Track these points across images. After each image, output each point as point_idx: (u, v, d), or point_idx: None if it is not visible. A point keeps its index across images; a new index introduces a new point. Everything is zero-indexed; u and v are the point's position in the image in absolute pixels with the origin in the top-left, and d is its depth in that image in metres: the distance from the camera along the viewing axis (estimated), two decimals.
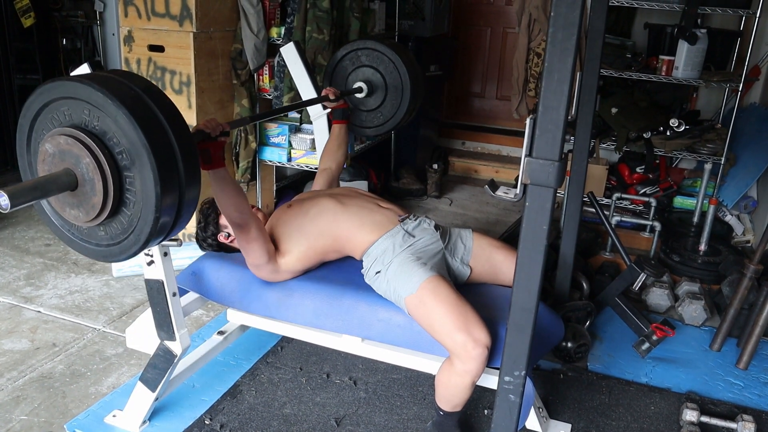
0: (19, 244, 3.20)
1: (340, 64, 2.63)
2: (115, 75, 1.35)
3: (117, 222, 1.39)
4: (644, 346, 2.34)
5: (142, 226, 1.34)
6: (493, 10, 4.88)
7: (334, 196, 2.02)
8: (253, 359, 2.32)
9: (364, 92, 2.59)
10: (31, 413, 2.01)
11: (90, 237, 1.46)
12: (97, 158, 1.29)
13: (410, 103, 2.57)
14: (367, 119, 2.66)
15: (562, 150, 1.22)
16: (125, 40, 3.06)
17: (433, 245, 1.93)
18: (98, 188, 1.31)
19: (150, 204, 1.31)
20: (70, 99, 1.32)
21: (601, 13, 2.00)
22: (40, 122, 1.40)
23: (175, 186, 1.33)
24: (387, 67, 2.55)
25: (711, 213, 3.00)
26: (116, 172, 1.32)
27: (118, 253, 1.42)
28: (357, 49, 2.58)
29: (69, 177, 1.32)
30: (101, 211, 1.34)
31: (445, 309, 1.70)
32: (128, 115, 1.25)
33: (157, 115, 1.31)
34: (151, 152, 1.26)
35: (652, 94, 3.75)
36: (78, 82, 1.29)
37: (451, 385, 1.73)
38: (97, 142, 1.30)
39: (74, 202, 1.36)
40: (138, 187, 1.31)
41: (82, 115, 1.32)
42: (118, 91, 1.28)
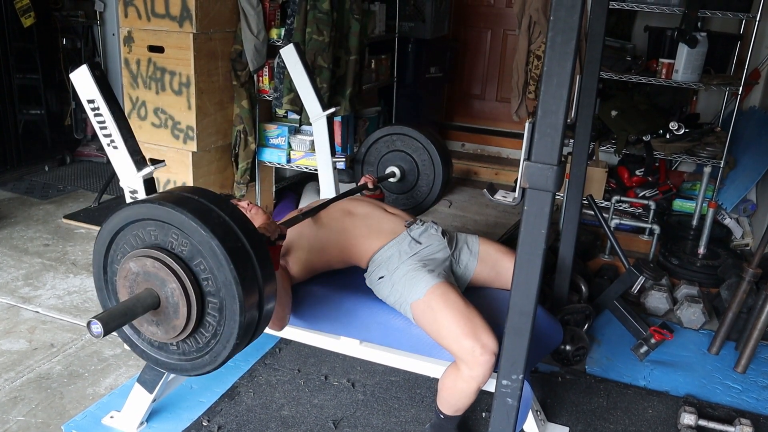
0: (17, 244, 3.19)
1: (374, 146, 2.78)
2: (202, 198, 1.35)
3: (192, 340, 1.39)
4: (642, 350, 2.34)
5: (221, 349, 1.35)
6: (494, 12, 4.88)
7: (341, 206, 2.02)
8: (251, 361, 2.32)
9: (397, 176, 2.72)
10: (28, 414, 2.00)
11: (161, 349, 1.47)
12: (183, 285, 1.31)
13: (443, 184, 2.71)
14: (398, 201, 2.79)
15: (561, 154, 1.21)
16: (125, 41, 3.06)
17: (441, 252, 1.93)
18: (182, 312, 1.32)
19: (232, 331, 1.31)
20: (160, 222, 1.32)
21: (601, 16, 1.99)
22: (122, 236, 1.40)
23: (256, 310, 1.34)
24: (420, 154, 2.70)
25: (710, 216, 3.00)
26: (200, 297, 1.33)
27: (189, 368, 1.43)
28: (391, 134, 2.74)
29: (153, 298, 1.34)
30: (181, 332, 1.35)
31: (452, 314, 1.69)
32: (220, 248, 1.26)
33: (244, 244, 1.31)
34: (240, 284, 1.27)
35: (651, 97, 3.75)
36: (171, 208, 1.29)
37: (456, 390, 1.72)
38: (185, 268, 1.31)
39: (154, 320, 1.37)
40: (221, 313, 1.32)
41: (169, 239, 1.32)
42: (209, 220, 1.28)
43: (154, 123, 3.12)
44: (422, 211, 2.77)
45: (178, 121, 3.06)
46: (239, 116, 3.26)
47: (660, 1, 3.28)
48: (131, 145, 1.68)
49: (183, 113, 3.04)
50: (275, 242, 1.61)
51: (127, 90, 3.16)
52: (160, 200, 1.32)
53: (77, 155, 4.57)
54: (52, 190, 3.94)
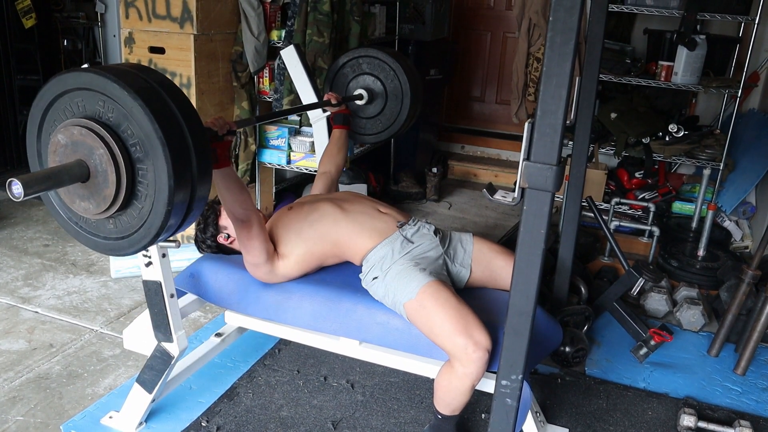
0: (17, 245, 3.19)
1: (341, 71, 2.65)
2: (130, 68, 1.34)
3: (127, 215, 1.37)
4: (642, 351, 2.34)
5: (153, 219, 1.33)
6: (493, 15, 4.89)
7: (334, 201, 2.02)
8: (250, 361, 2.32)
9: (364, 99, 2.61)
10: (27, 414, 2.00)
11: (98, 230, 1.44)
12: (110, 149, 1.28)
13: (409, 111, 2.59)
14: (367, 126, 2.68)
15: (560, 154, 1.22)
16: (126, 42, 3.07)
17: (433, 251, 1.93)
18: (111, 180, 1.30)
19: (163, 197, 1.29)
20: (85, 90, 1.31)
21: (601, 19, 2.00)
22: (52, 113, 1.38)
23: (187, 180, 1.32)
24: (387, 75, 2.57)
25: (709, 218, 3.01)
26: (129, 164, 1.30)
27: (126, 246, 1.41)
28: (358, 57, 2.60)
29: (81, 168, 1.31)
30: (113, 203, 1.33)
31: (445, 312, 1.70)
32: (144, 107, 1.24)
33: (172, 108, 1.30)
34: (166, 145, 1.25)
35: (651, 100, 3.76)
36: (94, 73, 1.28)
37: (450, 388, 1.72)
38: (111, 134, 1.29)
39: (85, 193, 1.35)
40: (150, 180, 1.30)
41: (96, 107, 1.31)
42: (134, 83, 1.27)
43: None
44: (395, 133, 2.66)
45: None
46: (239, 117, 3.27)
47: (659, 3, 3.29)
48: None
49: None
50: (223, 137, 1.61)
51: None
52: (85, 68, 1.31)
53: None
54: None
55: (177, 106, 1.31)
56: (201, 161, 1.34)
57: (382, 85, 2.59)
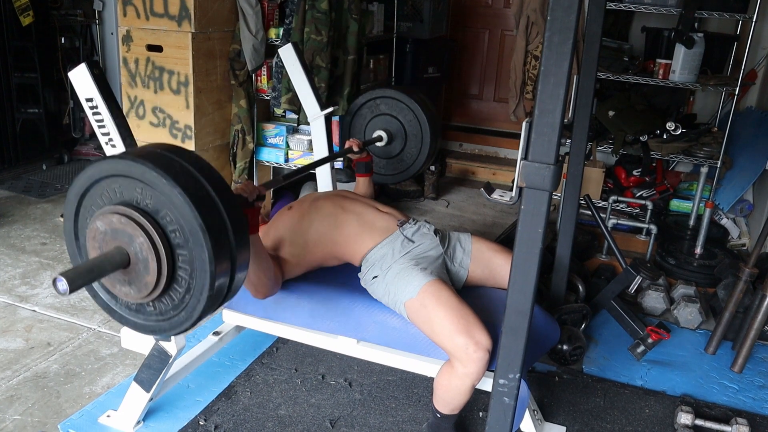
0: (15, 243, 3.19)
1: (359, 112, 2.70)
2: (164, 151, 1.33)
3: (167, 298, 1.38)
4: (639, 349, 2.35)
5: (195, 303, 1.33)
6: (492, 13, 4.88)
7: (334, 201, 2.02)
8: (248, 360, 2.32)
9: (384, 141, 2.64)
10: (24, 413, 2.00)
11: (138, 311, 1.45)
12: (151, 237, 1.28)
13: (430, 149, 2.62)
14: (388, 167, 2.71)
15: (557, 153, 1.22)
16: (124, 40, 3.06)
17: (433, 250, 1.93)
18: (152, 267, 1.30)
19: (204, 283, 1.29)
20: (122, 177, 1.31)
21: (599, 17, 2.00)
22: (89, 198, 1.39)
23: (227, 261, 1.32)
24: (406, 116, 2.61)
25: (707, 216, 3.01)
26: (169, 250, 1.31)
27: (168, 328, 1.41)
28: (376, 98, 2.65)
29: (122, 256, 1.31)
30: (154, 289, 1.33)
31: (446, 312, 1.70)
32: (183, 195, 1.24)
33: (209, 192, 1.29)
34: (207, 231, 1.25)
35: (649, 98, 3.76)
36: (131, 160, 1.28)
37: (451, 388, 1.73)
38: (151, 221, 1.29)
39: (125, 279, 1.35)
40: (191, 265, 1.31)
41: (134, 193, 1.31)
42: (171, 170, 1.26)
43: (152, 122, 3.12)
44: (413, 174, 2.69)
45: (177, 120, 3.06)
46: (237, 116, 3.27)
47: (657, 1, 3.29)
48: (129, 144, 1.68)
49: (181, 112, 3.04)
50: (253, 203, 1.59)
51: (126, 89, 3.16)
52: (122, 155, 1.31)
53: (75, 154, 4.56)
54: (50, 189, 3.94)
55: (213, 189, 1.30)
56: (239, 240, 1.34)
57: (401, 125, 2.62)
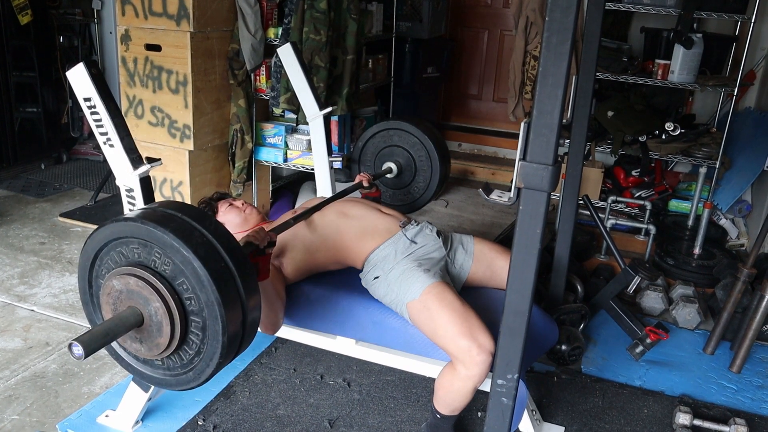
0: (13, 243, 3.19)
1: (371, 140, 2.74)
2: (185, 216, 1.34)
3: (177, 357, 1.39)
4: (638, 349, 2.35)
5: (204, 367, 1.35)
6: (491, 13, 4.88)
7: (336, 207, 2.02)
8: (247, 360, 2.32)
9: (393, 173, 2.67)
10: (23, 413, 2.00)
11: (146, 363, 1.47)
12: (167, 303, 1.30)
13: (438, 185, 2.68)
14: (395, 197, 2.76)
15: (556, 154, 1.22)
16: (122, 39, 3.06)
17: (436, 252, 1.93)
18: (165, 331, 1.32)
19: (215, 350, 1.32)
20: (143, 240, 1.32)
21: (597, 17, 2.00)
22: (106, 251, 1.40)
23: (239, 326, 1.34)
24: (418, 150, 2.66)
25: (706, 217, 3.01)
26: (183, 316, 1.33)
27: (174, 384, 1.43)
28: (389, 129, 2.70)
29: (136, 317, 1.33)
30: (165, 350, 1.35)
31: (449, 314, 1.69)
32: (202, 268, 1.26)
33: (228, 264, 1.30)
34: (222, 305, 1.27)
35: (648, 98, 3.76)
36: (152, 227, 1.28)
37: (453, 389, 1.72)
38: (168, 287, 1.30)
39: (138, 337, 1.37)
40: (204, 332, 1.32)
41: (152, 257, 1.32)
42: (191, 240, 1.27)
43: (150, 121, 3.12)
44: (421, 206, 2.74)
45: (175, 120, 3.06)
46: (236, 115, 3.26)
47: (656, 2, 3.29)
48: (127, 143, 1.68)
49: (180, 112, 3.04)
50: (264, 250, 1.59)
51: (124, 88, 3.15)
52: (142, 218, 1.32)
53: (73, 153, 4.56)
54: (48, 189, 3.94)
55: (232, 261, 1.31)
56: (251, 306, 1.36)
57: (411, 158, 2.68)
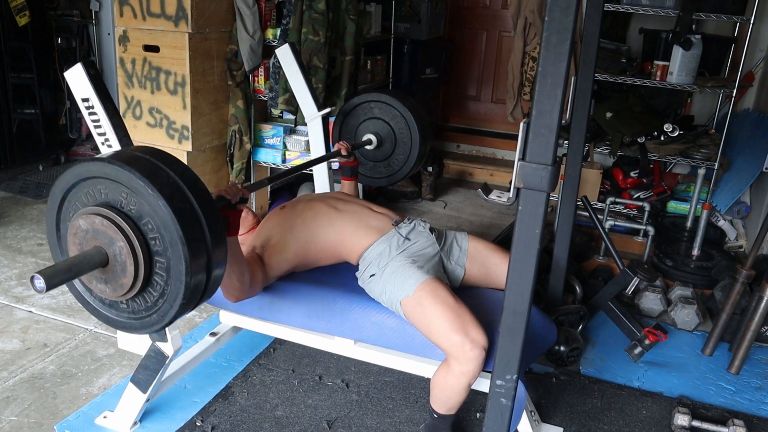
0: (11, 244, 3.18)
1: (353, 112, 2.68)
2: (153, 158, 1.34)
3: (141, 299, 1.40)
4: (637, 351, 2.35)
5: (168, 309, 1.35)
6: (489, 14, 4.89)
7: (328, 202, 2.02)
8: (245, 361, 2.31)
9: (373, 144, 2.64)
10: (21, 414, 1.99)
11: (112, 307, 1.47)
12: (131, 243, 1.30)
13: (417, 158, 2.63)
14: (376, 169, 2.71)
15: (555, 154, 1.22)
16: (120, 40, 3.05)
17: (429, 248, 1.93)
18: (129, 271, 1.32)
19: (179, 291, 1.32)
20: (110, 180, 1.32)
21: (596, 18, 2.00)
22: (74, 193, 1.40)
23: (203, 272, 1.34)
24: (398, 123, 2.61)
25: (704, 218, 3.01)
26: (148, 256, 1.33)
27: (138, 327, 1.43)
28: (370, 101, 2.64)
29: (101, 256, 1.33)
30: (129, 290, 1.35)
31: (442, 310, 1.70)
32: (167, 207, 1.26)
33: (193, 205, 1.31)
34: (186, 244, 1.27)
35: (646, 99, 3.77)
36: (119, 166, 1.29)
37: (447, 387, 1.72)
38: (133, 227, 1.31)
39: (103, 277, 1.37)
40: (168, 273, 1.32)
41: (119, 197, 1.32)
42: (158, 180, 1.28)
43: (149, 122, 3.12)
44: (401, 179, 2.71)
45: (173, 121, 3.05)
46: (234, 116, 3.26)
47: (655, 3, 3.30)
48: (126, 144, 1.68)
49: (178, 113, 3.04)
50: (236, 206, 1.59)
51: (122, 89, 3.15)
52: (110, 158, 1.32)
53: (72, 155, 4.55)
54: (47, 190, 3.93)
55: (198, 202, 1.32)
56: (218, 253, 1.36)
57: (391, 131, 2.63)
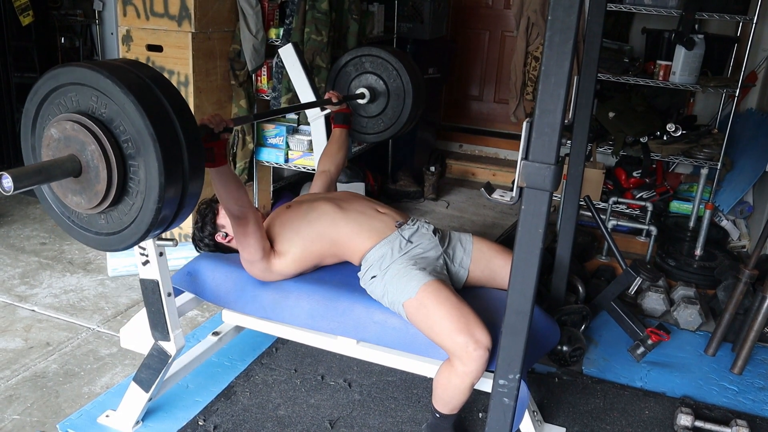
0: (14, 243, 3.19)
1: (344, 69, 2.65)
2: (124, 64, 1.34)
3: (118, 211, 1.38)
4: (639, 351, 2.34)
5: (143, 216, 1.34)
6: (492, 14, 4.89)
7: (333, 201, 2.02)
8: (247, 360, 2.32)
9: (366, 98, 2.61)
10: (23, 413, 2.00)
11: (90, 225, 1.45)
12: (102, 145, 1.29)
13: (411, 111, 2.60)
14: (368, 125, 2.69)
15: (558, 153, 1.22)
16: (124, 40, 3.06)
17: (432, 251, 1.93)
18: (102, 176, 1.30)
19: (153, 194, 1.30)
20: (79, 85, 1.31)
21: (599, 18, 2.00)
22: (46, 107, 1.39)
23: (178, 178, 1.32)
24: (390, 75, 2.58)
25: (707, 218, 3.01)
26: (121, 160, 1.31)
27: (116, 242, 1.42)
28: (361, 56, 2.61)
29: (73, 163, 1.32)
30: (104, 198, 1.33)
31: (445, 311, 1.69)
32: (136, 104, 1.25)
33: (164, 105, 1.30)
34: (158, 142, 1.26)
35: (649, 99, 3.76)
36: (87, 68, 1.29)
37: (450, 386, 1.72)
38: (104, 130, 1.29)
39: (77, 188, 1.35)
40: (142, 177, 1.31)
41: (89, 102, 1.31)
42: (126, 79, 1.27)
43: None
44: (395, 134, 2.67)
45: None
46: (237, 116, 3.26)
47: (658, 3, 3.29)
48: None
49: None
50: (219, 135, 1.60)
51: None
52: (79, 63, 1.32)
53: None
54: None
55: (170, 103, 1.31)
56: (193, 158, 1.34)
57: (384, 85, 2.60)
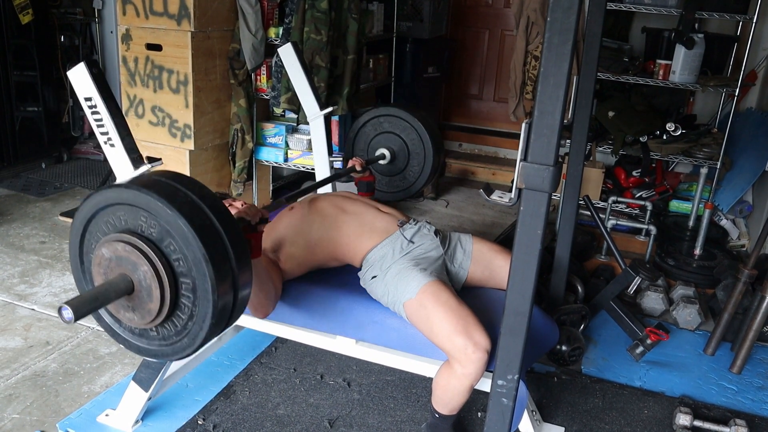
0: (14, 242, 3.19)
1: (362, 130, 2.71)
2: (168, 179, 1.34)
3: (170, 324, 1.39)
4: (638, 350, 2.35)
5: (198, 330, 1.34)
6: (492, 13, 4.88)
7: (334, 203, 2.02)
8: (247, 359, 2.32)
9: (387, 159, 2.66)
10: (23, 412, 2.00)
11: (142, 336, 1.46)
12: (154, 266, 1.30)
13: (432, 166, 2.65)
14: (391, 183, 2.74)
15: (557, 155, 1.22)
16: (123, 39, 3.06)
17: (434, 251, 1.93)
18: (155, 295, 1.31)
19: (207, 311, 1.30)
20: (127, 205, 1.32)
21: (599, 17, 2.00)
22: (95, 224, 1.40)
23: (230, 290, 1.33)
24: (409, 135, 2.64)
25: (706, 217, 3.01)
26: (173, 278, 1.32)
27: (170, 353, 1.42)
28: (379, 116, 2.67)
29: (126, 283, 1.33)
30: (157, 316, 1.35)
31: (445, 312, 1.69)
32: (187, 225, 1.25)
33: (213, 221, 1.30)
34: (209, 261, 1.26)
35: (649, 98, 3.76)
36: (136, 190, 1.29)
37: (449, 388, 1.72)
38: (155, 250, 1.30)
39: (129, 305, 1.36)
40: (194, 294, 1.32)
41: (138, 221, 1.32)
42: (174, 199, 1.27)
43: (151, 121, 3.12)
44: (417, 191, 2.73)
45: (176, 120, 3.06)
46: (237, 115, 3.26)
47: (657, 2, 3.29)
48: (128, 143, 1.68)
49: (180, 111, 3.04)
50: (256, 227, 1.58)
51: (125, 88, 3.15)
52: (127, 184, 1.32)
53: (74, 153, 4.56)
54: (49, 188, 3.94)
55: (217, 219, 1.31)
56: (242, 268, 1.35)
57: (404, 143, 2.66)
